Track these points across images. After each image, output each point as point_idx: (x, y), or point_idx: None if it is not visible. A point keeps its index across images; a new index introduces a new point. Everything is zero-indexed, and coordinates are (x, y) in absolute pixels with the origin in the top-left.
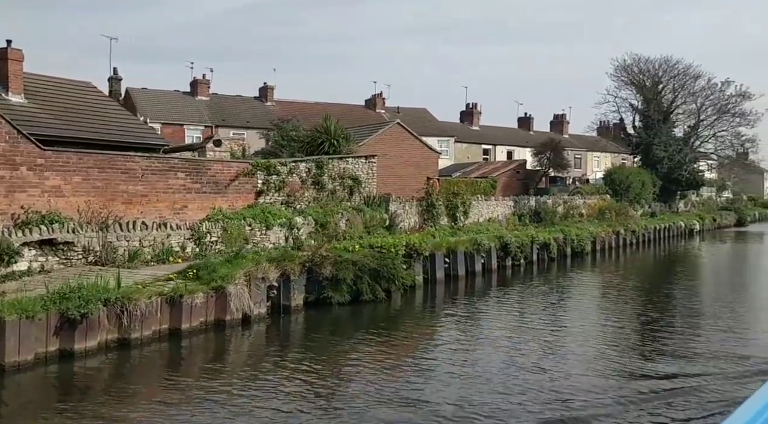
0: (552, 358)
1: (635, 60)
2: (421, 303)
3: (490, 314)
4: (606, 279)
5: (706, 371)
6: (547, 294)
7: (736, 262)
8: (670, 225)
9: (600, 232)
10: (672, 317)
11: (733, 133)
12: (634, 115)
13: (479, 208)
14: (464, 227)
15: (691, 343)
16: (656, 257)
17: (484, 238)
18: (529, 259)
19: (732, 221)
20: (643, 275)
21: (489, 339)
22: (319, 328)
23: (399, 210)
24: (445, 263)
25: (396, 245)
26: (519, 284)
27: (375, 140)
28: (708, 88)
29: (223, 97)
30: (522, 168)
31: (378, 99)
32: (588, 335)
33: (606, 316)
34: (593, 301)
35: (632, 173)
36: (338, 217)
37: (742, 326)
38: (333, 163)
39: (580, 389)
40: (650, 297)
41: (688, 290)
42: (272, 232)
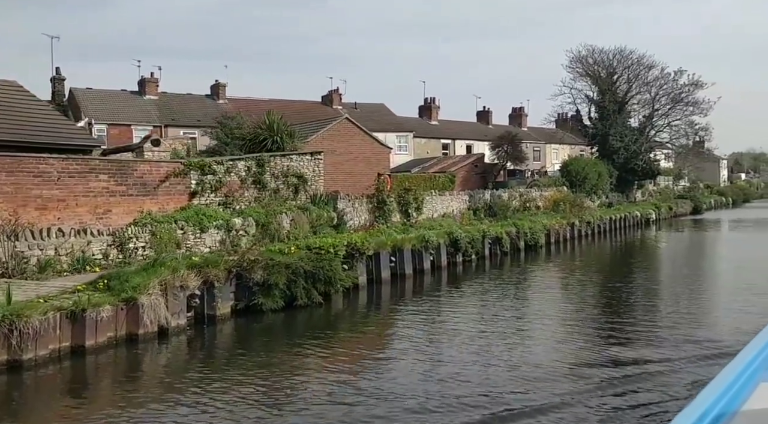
0: (510, 351)
1: (590, 51)
2: (365, 305)
3: (441, 312)
4: (560, 271)
5: (668, 356)
6: (501, 289)
7: (692, 250)
8: (625, 215)
9: (554, 224)
10: (628, 306)
11: (686, 122)
12: (590, 106)
13: (433, 203)
14: (417, 224)
15: (650, 329)
16: (612, 248)
17: (433, 234)
18: (481, 254)
19: (688, 209)
20: (598, 265)
21: (441, 337)
22: (248, 337)
23: (348, 208)
24: (390, 262)
25: (336, 245)
26: (470, 280)
27: (323, 136)
28: (661, 78)
29: (173, 96)
30: (480, 162)
31: (335, 95)
32: (545, 327)
33: (561, 307)
34: (548, 293)
35: (588, 164)
36: (281, 217)
37: (700, 311)
38: (275, 160)
39: (542, 379)
40: (605, 287)
41: (643, 279)
42: (207, 235)
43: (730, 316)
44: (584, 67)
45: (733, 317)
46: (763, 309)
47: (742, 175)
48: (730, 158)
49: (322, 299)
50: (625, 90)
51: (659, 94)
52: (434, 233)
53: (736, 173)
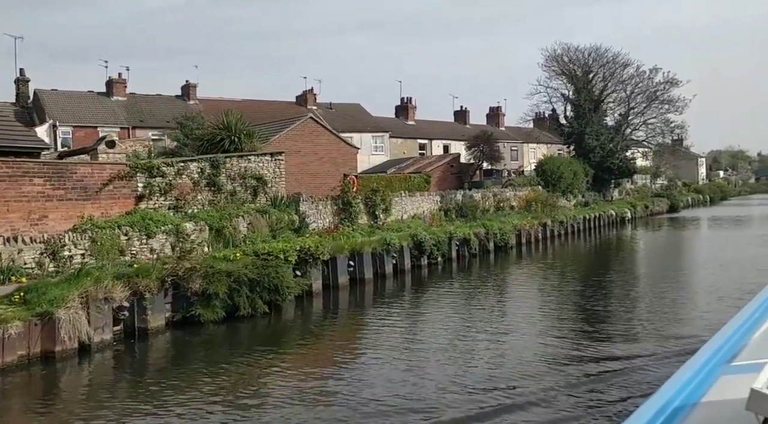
0: (475, 354)
1: (565, 50)
2: (320, 313)
3: (402, 318)
4: (530, 272)
5: (643, 352)
6: (467, 291)
7: (665, 249)
8: (600, 214)
9: (525, 224)
10: (596, 307)
11: (662, 120)
12: (566, 105)
13: (402, 204)
14: (384, 226)
15: (624, 327)
16: (585, 248)
17: (395, 237)
18: (448, 256)
19: (665, 207)
20: (569, 266)
21: (401, 344)
22: (184, 352)
23: (311, 210)
24: (349, 266)
25: (286, 251)
26: (435, 283)
27: (286, 136)
28: (637, 76)
29: (141, 97)
30: (456, 162)
31: (309, 95)
32: (511, 329)
33: (529, 309)
34: (516, 295)
35: (564, 163)
36: (238, 220)
37: (671, 310)
38: (232, 161)
39: (517, 377)
40: (575, 288)
41: (613, 279)
42: (155, 241)
43: (703, 313)
44: (560, 65)
45: (705, 314)
46: (729, 306)
47: (721, 173)
48: (709, 156)
49: (268, 308)
50: (600, 88)
51: (635, 92)
52: (397, 236)
53: (714, 171)
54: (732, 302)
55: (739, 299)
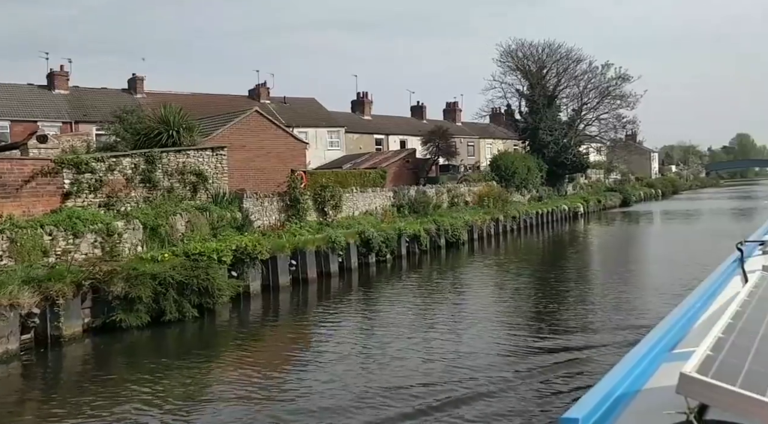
0: (432, 348)
1: (519, 45)
2: (258, 315)
3: (347, 317)
4: (482, 268)
5: (593, 343)
6: (417, 288)
7: (616, 244)
8: (553, 209)
9: (477, 220)
10: (550, 300)
11: (614, 115)
12: (520, 100)
13: (354, 201)
14: (334, 223)
15: (575, 320)
16: (537, 243)
17: (341, 234)
18: (397, 254)
19: (617, 201)
20: (520, 261)
21: (350, 342)
22: (103, 360)
23: (256, 207)
24: (291, 265)
25: (221, 250)
26: (384, 281)
27: (230, 130)
28: (589, 72)
29: (85, 91)
30: (412, 157)
31: (262, 89)
32: (467, 324)
33: (480, 304)
34: (467, 290)
35: (517, 159)
36: (175, 218)
37: (621, 301)
38: (169, 156)
39: (472, 371)
40: (526, 282)
41: (565, 274)
42: (83, 241)
43: (649, 305)
44: (514, 61)
45: (651, 306)
46: (673, 297)
47: (673, 167)
48: (662, 151)
49: (198, 312)
50: (554, 84)
51: (587, 87)
52: (343, 233)
53: (667, 165)
54: (675, 294)
55: (681, 292)
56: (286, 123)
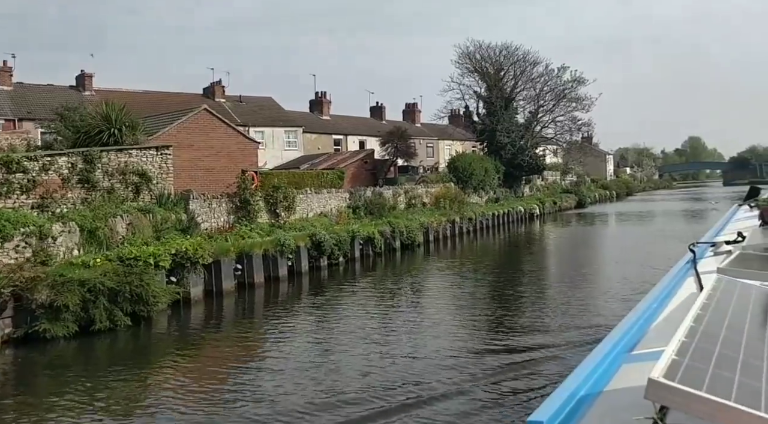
0: (385, 352)
1: (477, 47)
2: (199, 322)
3: (299, 321)
4: (437, 270)
5: (553, 343)
6: (373, 291)
7: (569, 246)
8: (509, 210)
9: (432, 221)
10: (501, 300)
11: (569, 117)
12: (478, 102)
13: (308, 202)
14: (286, 225)
15: (527, 321)
16: (493, 245)
17: (290, 237)
18: (351, 256)
19: (572, 203)
20: (476, 263)
21: (300, 347)
22: (24, 373)
23: (203, 209)
24: (236, 270)
25: (158, 255)
26: (336, 285)
27: (177, 129)
28: (546, 74)
29: (30, 87)
30: (370, 158)
31: (216, 87)
32: (422, 326)
33: (437, 306)
34: (424, 293)
35: (475, 160)
36: (115, 221)
37: (575, 304)
38: (110, 156)
39: (428, 374)
40: (481, 285)
41: (520, 276)
42: (11, 244)
43: (602, 306)
44: (472, 62)
45: (605, 307)
46: (623, 299)
47: (627, 169)
48: (617, 153)
49: (131, 320)
50: (511, 86)
51: (544, 90)
52: (292, 236)
53: (622, 168)
54: (625, 297)
55: (630, 295)
56: (242, 122)
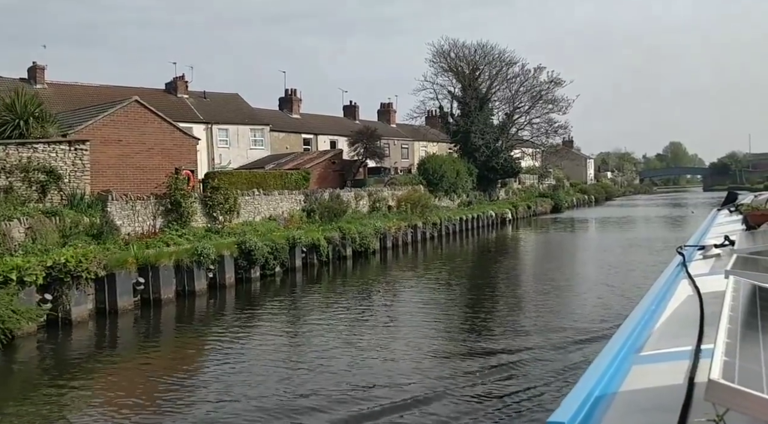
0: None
1: (452, 45)
2: (77, 348)
3: (210, 344)
4: (390, 280)
5: (532, 345)
6: (311, 305)
7: (539, 251)
8: (479, 215)
9: (390, 227)
10: (456, 313)
11: (545, 119)
12: (452, 102)
13: (255, 204)
14: (225, 229)
15: (483, 339)
16: (458, 251)
17: (210, 245)
18: (290, 266)
19: (548, 207)
20: (434, 271)
21: (213, 377)
22: None
23: (125, 211)
24: (137, 284)
25: (24, 268)
26: (267, 299)
27: (102, 123)
28: (522, 75)
29: None
30: (339, 158)
31: (179, 82)
32: (364, 343)
33: (384, 319)
34: (372, 304)
35: (446, 162)
36: (10, 224)
37: (551, 305)
38: (8, 150)
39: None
40: (436, 294)
41: (480, 284)
42: None
43: (577, 309)
44: (447, 61)
45: (581, 310)
46: (608, 302)
47: (608, 173)
48: (598, 158)
49: None
50: (487, 86)
51: (520, 91)
52: (213, 244)
53: (603, 172)
54: (586, 315)
55: (590, 312)
56: (205, 119)
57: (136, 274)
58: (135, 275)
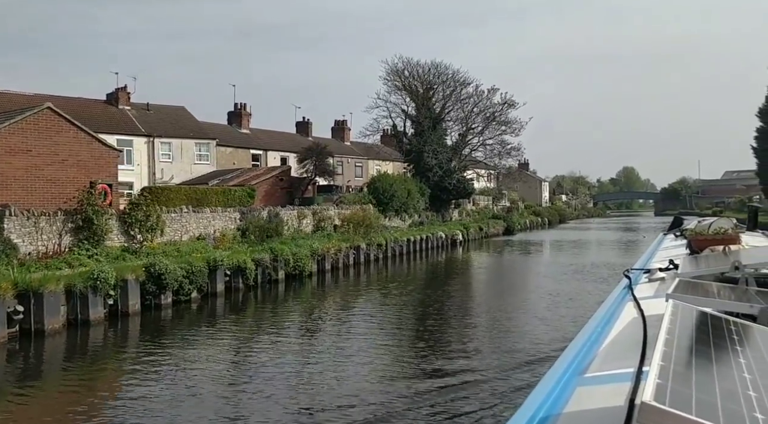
0: None
1: (406, 63)
2: None
3: (98, 382)
4: (322, 305)
5: (479, 367)
6: (229, 335)
7: (485, 273)
8: (428, 236)
9: (330, 248)
10: (384, 343)
11: (498, 141)
12: (405, 121)
13: (184, 222)
14: (143, 249)
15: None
16: (406, 273)
17: (109, 269)
18: (210, 291)
19: (500, 229)
20: (374, 294)
21: None
22: None
23: (26, 228)
24: (15, 312)
25: None
26: (178, 329)
27: (9, 131)
28: (475, 95)
29: None
30: (287, 175)
31: (121, 93)
32: (293, 382)
33: (309, 350)
34: (297, 333)
35: (397, 181)
36: None
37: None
38: None
39: None
40: (371, 320)
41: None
42: None
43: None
44: (401, 80)
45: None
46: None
47: (563, 196)
48: (554, 180)
49: None
50: (440, 106)
51: (473, 111)
52: (111, 267)
53: (558, 195)
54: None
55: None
56: (147, 132)
57: (14, 301)
58: (13, 302)
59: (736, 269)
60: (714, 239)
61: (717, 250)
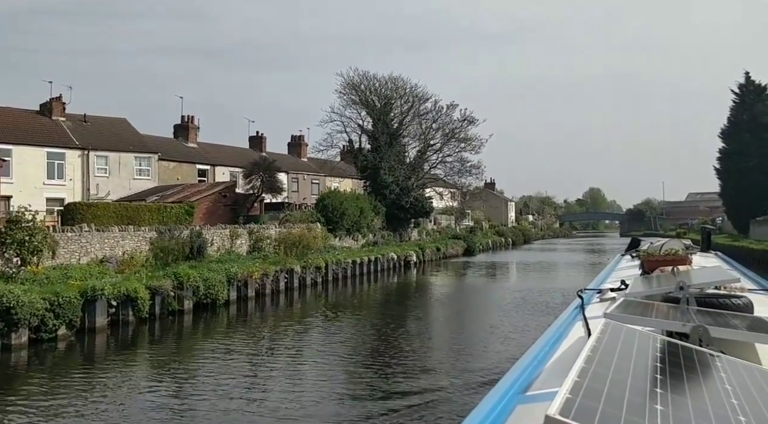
0: None
1: (362, 77)
2: None
3: None
4: (239, 342)
5: (436, 386)
6: (106, 383)
7: (437, 299)
8: (377, 258)
9: (253, 272)
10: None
11: (458, 158)
12: (361, 136)
13: (83, 243)
14: (24, 274)
15: None
16: (348, 300)
17: None
18: (86, 327)
19: (460, 250)
20: (307, 326)
21: None
22: None
23: None
24: None
25: None
26: (33, 377)
27: None
28: (434, 111)
29: None
30: (230, 191)
31: (55, 103)
32: None
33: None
34: (191, 379)
35: (348, 199)
36: None
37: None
38: None
39: None
40: (293, 360)
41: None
42: None
43: None
44: (357, 93)
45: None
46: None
47: (530, 216)
48: (521, 201)
49: None
50: (398, 121)
51: (432, 127)
52: None
53: (524, 215)
54: None
55: None
56: (81, 145)
57: None
58: None
59: (681, 289)
60: (665, 259)
61: (666, 270)
